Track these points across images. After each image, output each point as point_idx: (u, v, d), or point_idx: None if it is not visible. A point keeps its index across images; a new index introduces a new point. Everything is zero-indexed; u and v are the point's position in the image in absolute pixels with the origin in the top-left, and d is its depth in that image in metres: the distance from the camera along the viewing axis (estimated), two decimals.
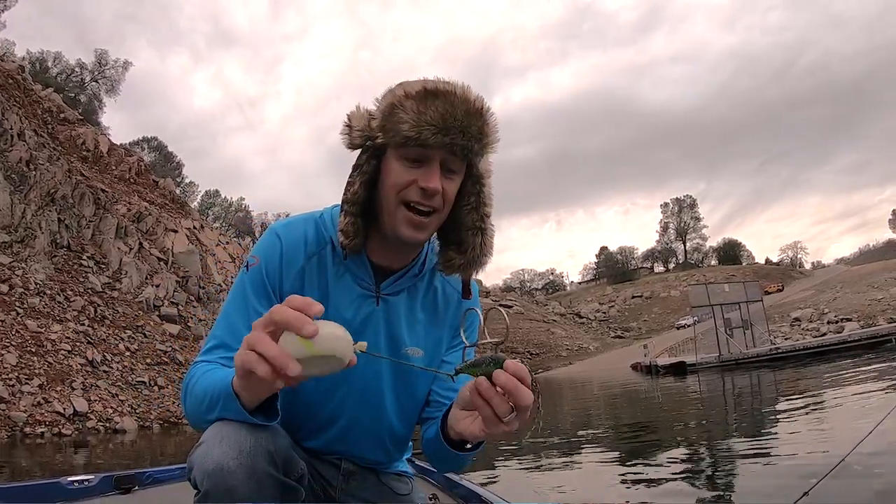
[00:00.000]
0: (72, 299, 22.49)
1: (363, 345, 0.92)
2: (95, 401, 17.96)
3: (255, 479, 1.00)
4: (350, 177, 1.27)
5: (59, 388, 17.48)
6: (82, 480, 2.02)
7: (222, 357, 1.19)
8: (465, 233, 1.31)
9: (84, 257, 25.40)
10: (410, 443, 1.58)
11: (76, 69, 61.86)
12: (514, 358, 0.98)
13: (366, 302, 1.33)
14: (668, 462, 6.77)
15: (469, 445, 1.20)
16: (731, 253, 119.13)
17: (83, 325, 21.62)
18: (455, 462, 1.28)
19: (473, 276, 1.38)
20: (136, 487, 2.14)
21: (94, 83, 62.19)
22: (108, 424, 17.31)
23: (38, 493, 1.92)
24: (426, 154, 1.19)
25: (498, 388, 0.97)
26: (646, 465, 6.80)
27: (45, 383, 17.32)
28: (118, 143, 43.87)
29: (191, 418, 1.16)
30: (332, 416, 1.37)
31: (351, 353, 0.90)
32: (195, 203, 74.08)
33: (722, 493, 5.14)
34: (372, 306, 1.33)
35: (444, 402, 1.35)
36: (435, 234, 1.34)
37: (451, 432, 1.17)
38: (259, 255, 1.31)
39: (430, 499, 2.04)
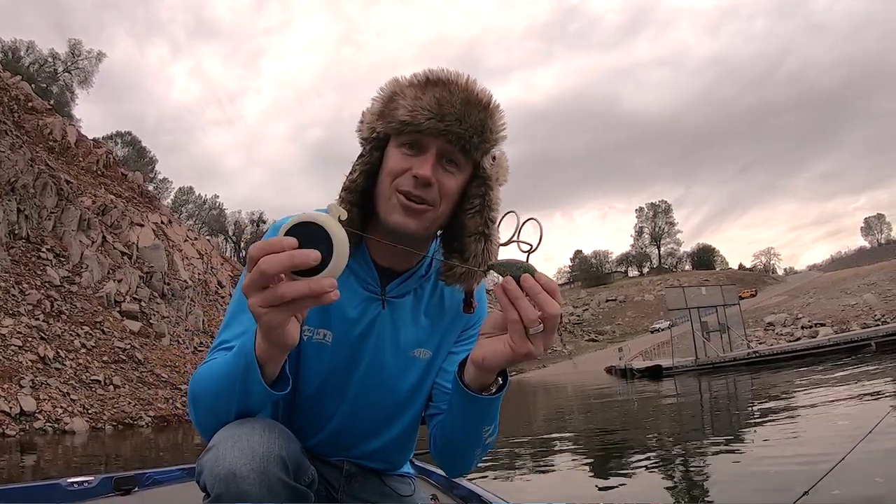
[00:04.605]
0: (27, 292, 21.70)
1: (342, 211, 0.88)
2: (45, 400, 17.31)
3: (267, 485, 0.98)
4: (352, 166, 1.27)
5: (5, 386, 16.82)
6: (82, 482, 2.04)
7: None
8: (467, 238, 1.27)
9: (43, 249, 24.70)
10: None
11: (49, 59, 60.83)
12: None
13: (371, 305, 1.31)
14: (656, 465, 6.61)
15: (493, 389, 1.15)
16: (704, 258, 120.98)
17: (37, 319, 20.82)
18: (473, 428, 1.21)
19: (476, 286, 1.33)
20: (136, 489, 2.17)
21: (66, 74, 61.14)
22: (56, 425, 16.68)
23: (37, 494, 1.93)
24: (422, 141, 1.18)
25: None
26: (630, 468, 6.62)
27: None
28: (89, 136, 42.90)
29: (201, 418, 1.11)
30: (335, 414, 1.34)
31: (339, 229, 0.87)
32: (168, 200, 73.17)
33: (718, 494, 5.05)
34: (378, 309, 1.31)
35: (450, 394, 1.28)
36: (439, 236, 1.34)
37: (469, 370, 1.12)
38: None
39: (431, 499, 2.01)
